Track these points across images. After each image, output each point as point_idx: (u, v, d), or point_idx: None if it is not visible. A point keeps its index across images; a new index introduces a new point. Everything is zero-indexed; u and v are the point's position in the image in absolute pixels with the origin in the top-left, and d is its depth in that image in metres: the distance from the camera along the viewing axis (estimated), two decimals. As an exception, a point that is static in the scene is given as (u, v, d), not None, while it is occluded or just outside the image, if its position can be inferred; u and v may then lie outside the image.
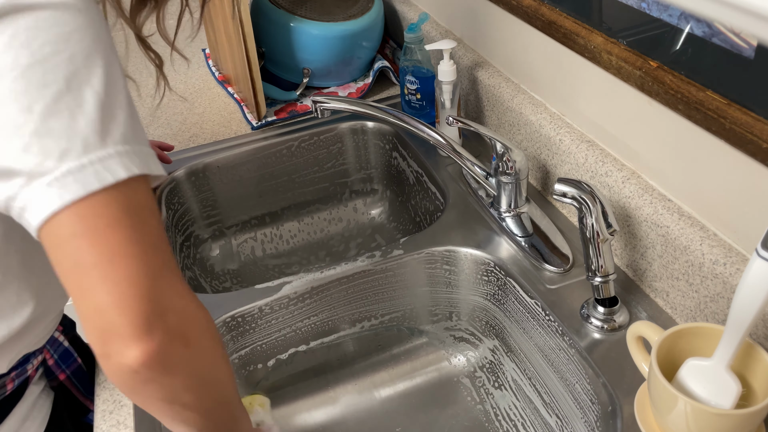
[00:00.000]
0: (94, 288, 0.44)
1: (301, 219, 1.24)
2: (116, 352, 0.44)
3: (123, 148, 0.47)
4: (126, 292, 0.44)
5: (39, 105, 0.45)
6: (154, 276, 0.45)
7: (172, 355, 0.46)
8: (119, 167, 0.46)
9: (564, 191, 0.73)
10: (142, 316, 0.44)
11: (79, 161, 0.44)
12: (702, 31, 0.65)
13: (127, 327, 0.44)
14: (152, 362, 0.45)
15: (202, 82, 1.39)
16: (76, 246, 0.44)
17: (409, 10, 1.30)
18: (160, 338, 0.45)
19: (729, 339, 0.59)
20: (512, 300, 0.87)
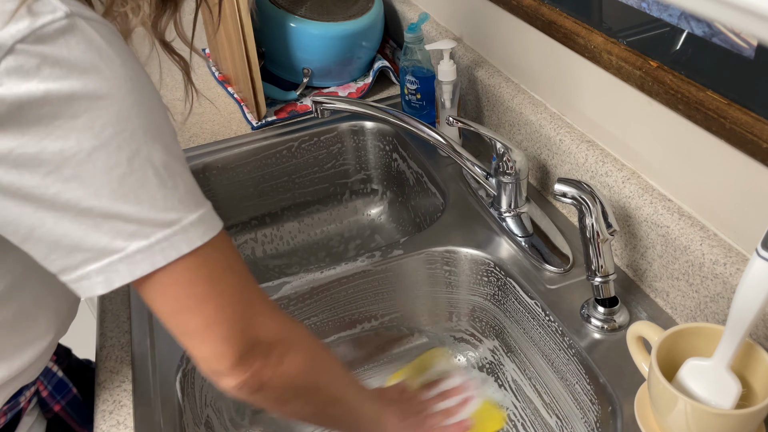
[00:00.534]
0: (197, 346, 0.54)
1: (301, 219, 1.24)
2: (221, 381, 0.55)
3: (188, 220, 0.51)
4: (222, 347, 0.53)
5: (106, 189, 0.47)
6: (243, 326, 0.54)
7: (266, 376, 0.56)
8: (183, 243, 0.50)
9: (564, 191, 0.73)
10: (237, 359, 0.54)
11: (147, 241, 0.49)
12: (702, 31, 0.65)
13: (227, 369, 0.54)
14: (248, 385, 0.55)
15: (202, 82, 1.39)
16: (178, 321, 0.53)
17: (409, 10, 1.30)
18: (252, 368, 0.55)
19: (729, 339, 0.59)
20: (512, 300, 0.87)
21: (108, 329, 0.84)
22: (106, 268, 0.49)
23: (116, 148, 0.47)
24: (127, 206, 0.48)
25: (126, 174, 0.47)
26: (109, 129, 0.46)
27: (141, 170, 0.48)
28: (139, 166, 0.48)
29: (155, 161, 0.49)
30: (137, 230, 0.48)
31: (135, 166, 0.48)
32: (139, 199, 0.48)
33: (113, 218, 0.47)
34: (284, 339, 0.58)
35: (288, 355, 0.58)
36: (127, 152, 0.47)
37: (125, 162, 0.47)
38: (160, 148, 0.49)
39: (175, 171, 0.50)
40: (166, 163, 0.49)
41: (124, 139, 0.47)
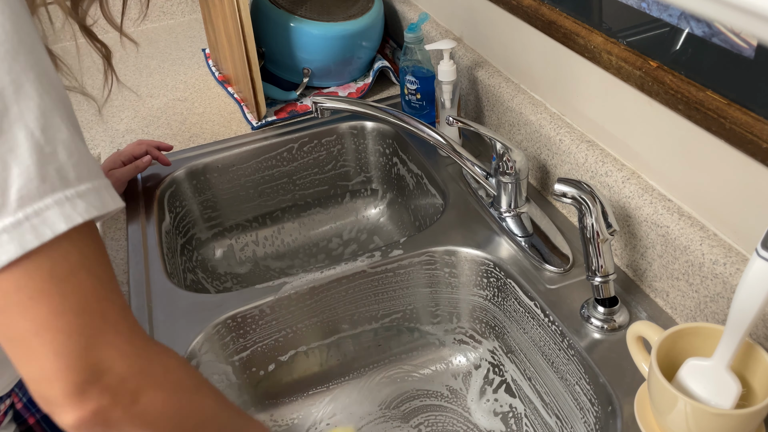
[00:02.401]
0: (25, 359, 0.43)
1: (301, 220, 1.24)
2: (56, 414, 0.44)
3: (64, 194, 0.43)
4: (55, 366, 0.42)
5: None
6: (86, 344, 0.43)
7: (116, 416, 0.45)
8: (59, 218, 0.42)
9: (564, 191, 0.73)
10: (72, 385, 0.43)
11: (14, 217, 0.41)
12: (702, 31, 0.65)
13: (59, 397, 0.43)
14: (91, 424, 0.44)
15: (202, 82, 1.39)
16: (8, 313, 0.42)
17: (409, 10, 1.30)
18: (96, 403, 0.44)
19: (729, 339, 0.59)
20: (512, 300, 0.87)
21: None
22: None
23: None
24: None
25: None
26: None
27: (10, 131, 0.41)
28: (8, 127, 0.41)
29: (29, 122, 0.42)
30: (2, 204, 0.41)
31: (3, 127, 0.41)
32: (6, 165, 0.41)
33: None
34: (141, 373, 0.46)
35: (145, 393, 0.46)
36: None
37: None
38: (36, 107, 0.42)
39: (54, 136, 0.43)
40: (44, 126, 0.42)
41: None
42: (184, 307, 0.86)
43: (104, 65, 0.69)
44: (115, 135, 1.23)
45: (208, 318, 0.84)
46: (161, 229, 1.04)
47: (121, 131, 1.24)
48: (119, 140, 1.21)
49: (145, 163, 1.07)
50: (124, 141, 1.21)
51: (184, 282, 1.05)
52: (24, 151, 0.41)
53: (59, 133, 0.43)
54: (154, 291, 0.89)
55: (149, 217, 1.03)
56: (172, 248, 1.06)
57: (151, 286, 0.90)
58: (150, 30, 1.66)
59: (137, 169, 1.07)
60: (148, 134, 1.22)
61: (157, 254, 0.96)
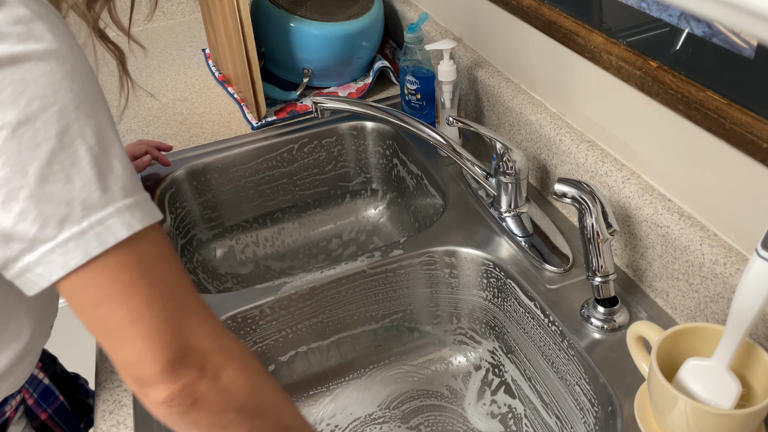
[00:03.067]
0: (121, 347, 0.47)
1: (301, 221, 1.24)
2: (148, 394, 0.48)
3: (123, 203, 0.46)
4: (150, 348, 0.46)
5: (33, 167, 0.43)
6: (174, 326, 0.48)
7: (202, 389, 0.48)
8: (121, 226, 0.46)
9: (564, 191, 0.73)
10: (167, 364, 0.47)
11: (79, 226, 0.44)
12: (702, 31, 0.65)
13: (154, 376, 0.47)
14: (181, 397, 0.48)
15: (202, 82, 1.39)
16: (99, 314, 0.46)
17: (409, 10, 1.30)
18: (185, 378, 0.48)
19: (729, 339, 0.59)
20: (512, 300, 0.87)
21: (108, 329, 0.84)
22: (43, 258, 0.45)
23: (44, 122, 0.44)
24: (56, 186, 0.44)
25: (55, 150, 0.44)
26: (36, 102, 0.43)
27: (71, 147, 0.44)
28: (70, 143, 0.44)
29: (88, 138, 0.45)
30: (68, 214, 0.44)
31: (65, 143, 0.44)
32: (70, 178, 0.44)
33: (42, 201, 0.44)
34: (223, 350, 0.51)
35: (227, 369, 0.50)
36: (57, 127, 0.44)
37: (54, 137, 0.44)
38: (93, 125, 0.46)
39: (110, 151, 0.46)
40: (100, 141, 0.46)
41: (53, 113, 0.44)
42: (184, 307, 0.86)
43: (119, 69, 0.71)
44: (115, 135, 1.23)
45: (208, 318, 0.84)
46: (161, 229, 1.03)
47: (121, 131, 1.24)
48: (119, 140, 1.21)
49: (145, 162, 1.07)
50: (124, 141, 1.21)
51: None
52: (85, 164, 0.45)
53: (113, 147, 0.47)
54: (154, 291, 0.89)
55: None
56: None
57: (151, 286, 0.90)
58: (150, 30, 1.66)
59: (137, 168, 1.07)
60: (148, 134, 1.22)
61: (157, 254, 0.96)
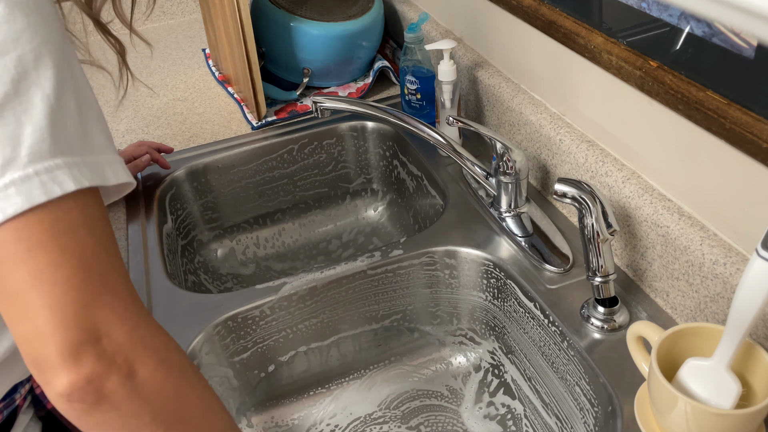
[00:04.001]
0: (19, 316, 0.42)
1: (301, 221, 1.24)
2: (47, 381, 0.42)
3: (73, 159, 0.43)
4: (49, 320, 0.41)
5: None
6: (84, 302, 0.42)
7: (111, 386, 0.42)
8: (68, 178, 0.42)
9: (564, 191, 0.73)
10: (67, 344, 0.41)
11: (24, 171, 0.41)
12: (702, 31, 0.65)
13: (53, 356, 0.41)
14: (84, 392, 0.42)
15: (202, 82, 1.39)
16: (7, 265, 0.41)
17: (409, 10, 1.30)
18: (90, 367, 0.41)
19: (729, 339, 0.59)
20: (512, 300, 0.87)
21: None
22: None
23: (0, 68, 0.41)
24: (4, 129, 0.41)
25: (8, 95, 0.41)
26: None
27: (26, 94, 0.42)
28: (25, 90, 0.42)
29: (46, 89, 0.43)
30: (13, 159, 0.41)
31: (20, 89, 0.42)
32: (20, 123, 0.41)
33: None
34: (141, 343, 0.44)
35: (144, 366, 0.44)
36: (13, 73, 0.42)
37: (9, 82, 0.41)
38: (54, 76, 0.43)
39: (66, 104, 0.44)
40: (59, 94, 0.43)
41: (10, 59, 0.42)
42: (184, 307, 0.86)
43: (119, 62, 0.69)
44: (116, 135, 1.23)
45: (208, 318, 0.84)
46: (162, 230, 1.04)
47: (121, 131, 1.24)
48: (119, 140, 1.21)
49: (144, 162, 1.07)
50: (124, 141, 1.21)
51: (185, 283, 1.05)
52: (39, 112, 0.42)
53: (70, 103, 0.44)
54: (154, 291, 0.89)
55: (149, 216, 1.03)
56: (173, 250, 1.06)
57: (151, 285, 0.90)
58: (150, 30, 1.66)
59: (136, 168, 1.07)
60: (148, 134, 1.22)
61: (157, 254, 0.96)
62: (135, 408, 0.44)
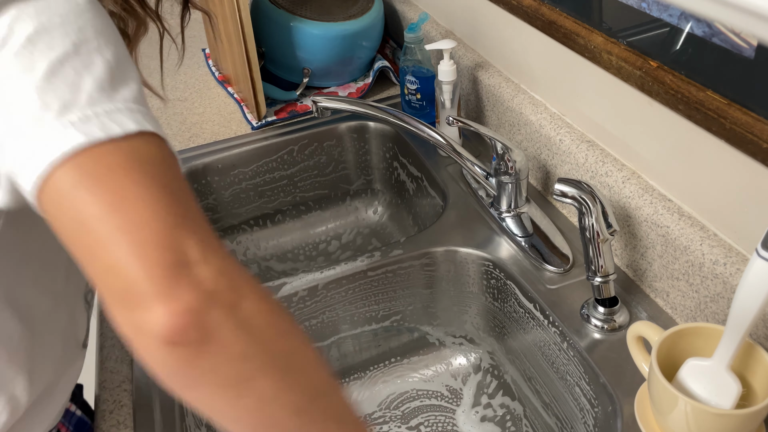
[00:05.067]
0: (101, 244, 0.36)
1: (301, 222, 1.24)
2: (139, 321, 0.35)
3: (136, 106, 0.41)
4: (138, 239, 0.35)
5: (42, 63, 0.40)
6: (173, 222, 0.37)
7: (215, 317, 0.35)
8: (129, 120, 0.40)
9: (564, 191, 0.73)
10: (162, 266, 0.35)
11: (82, 112, 0.39)
12: (702, 31, 0.65)
13: (144, 283, 0.35)
14: (186, 327, 0.35)
15: (202, 82, 1.39)
16: (77, 198, 0.37)
17: (409, 10, 1.30)
18: (189, 295, 0.35)
19: (729, 339, 0.59)
20: (512, 300, 0.87)
21: (108, 329, 0.84)
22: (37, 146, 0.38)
23: (62, 33, 0.41)
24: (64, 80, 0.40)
25: (69, 53, 0.41)
26: (56, 18, 0.42)
27: (88, 55, 0.42)
28: (87, 52, 0.42)
29: (106, 54, 0.42)
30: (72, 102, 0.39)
31: (81, 51, 0.41)
32: (80, 75, 0.40)
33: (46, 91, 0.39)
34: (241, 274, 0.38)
35: (248, 298, 0.37)
36: (74, 38, 0.42)
37: (71, 45, 0.41)
38: (113, 49, 0.43)
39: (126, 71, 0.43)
40: (118, 61, 0.43)
41: (72, 29, 0.42)
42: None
43: None
44: (115, 135, 1.23)
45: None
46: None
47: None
48: (119, 140, 1.21)
49: None
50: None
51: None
52: (99, 69, 0.41)
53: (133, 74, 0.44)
54: (154, 291, 0.89)
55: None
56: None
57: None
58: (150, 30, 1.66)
59: None
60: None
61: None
62: (244, 347, 0.37)
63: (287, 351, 0.40)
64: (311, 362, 0.42)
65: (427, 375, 0.98)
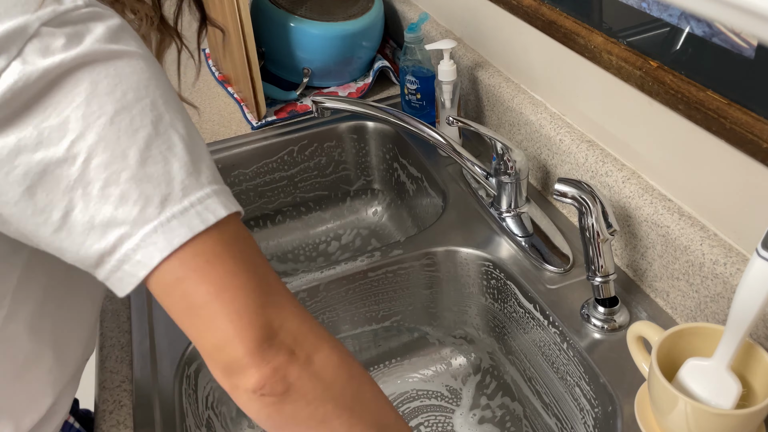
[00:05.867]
0: (207, 327, 0.46)
1: (301, 222, 1.24)
2: (240, 382, 0.46)
3: (218, 186, 0.48)
4: (236, 325, 0.45)
5: (133, 150, 0.45)
6: (261, 303, 0.47)
7: (294, 372, 0.47)
8: (219, 206, 0.47)
9: (564, 191, 0.73)
10: (255, 343, 0.45)
11: (181, 204, 0.45)
12: (702, 31, 0.65)
13: (244, 357, 0.45)
14: (273, 383, 0.46)
15: (202, 82, 1.39)
16: (183, 289, 0.46)
17: (409, 10, 1.30)
18: (275, 358, 0.46)
19: (729, 339, 0.59)
20: (512, 300, 0.87)
21: (108, 329, 0.84)
22: (143, 242, 0.44)
23: (140, 111, 0.46)
24: (156, 167, 0.45)
25: (152, 136, 0.46)
26: (130, 94, 0.46)
27: (166, 134, 0.47)
28: (164, 130, 0.47)
29: (179, 128, 0.48)
30: (169, 194, 0.45)
31: (160, 129, 0.46)
32: (168, 161, 0.46)
33: (142, 182, 0.45)
34: (312, 332, 0.49)
35: (320, 352, 0.48)
36: (151, 116, 0.46)
37: (150, 124, 0.46)
38: (182, 118, 0.48)
39: (197, 141, 0.49)
40: (189, 132, 0.48)
41: (146, 104, 0.46)
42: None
43: None
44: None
45: (208, 318, 0.84)
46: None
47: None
48: (119, 140, 1.21)
49: None
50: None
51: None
52: (180, 150, 0.47)
53: (199, 139, 0.49)
54: (154, 291, 0.89)
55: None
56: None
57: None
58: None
59: None
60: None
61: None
62: (319, 393, 0.48)
63: (354, 393, 0.51)
64: (376, 401, 0.53)
65: (427, 375, 0.98)
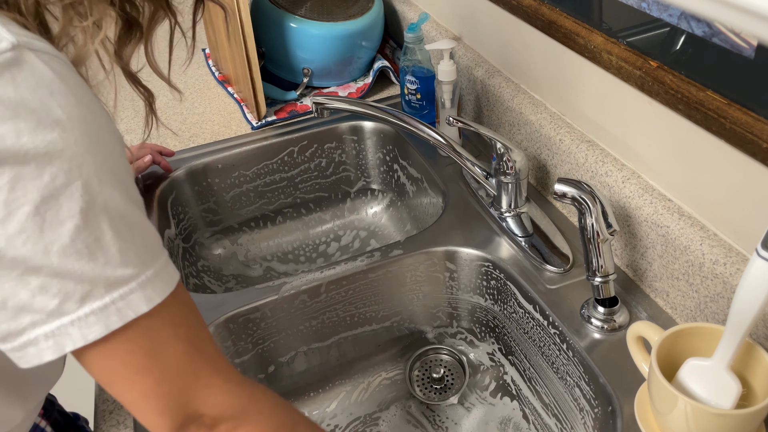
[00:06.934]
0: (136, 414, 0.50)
1: (301, 223, 1.24)
2: None
3: (145, 276, 0.46)
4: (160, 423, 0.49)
5: (56, 245, 0.42)
6: (185, 402, 0.49)
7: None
8: (141, 301, 0.46)
9: (564, 191, 0.73)
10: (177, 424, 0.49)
11: (101, 301, 0.44)
12: (702, 31, 0.65)
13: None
14: None
15: (202, 82, 1.39)
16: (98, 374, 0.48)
17: (409, 10, 1.30)
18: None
19: (729, 339, 0.59)
20: (512, 300, 0.87)
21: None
22: (57, 331, 0.44)
23: (68, 198, 0.42)
24: (79, 264, 0.43)
25: (79, 227, 0.43)
26: (60, 178, 0.42)
27: (95, 222, 0.43)
28: (93, 218, 0.43)
29: (111, 212, 0.44)
30: (90, 291, 0.44)
31: (89, 218, 0.43)
32: (93, 256, 0.43)
33: (64, 277, 0.43)
34: (236, 413, 0.51)
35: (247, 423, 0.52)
36: (81, 203, 0.43)
37: (78, 214, 0.42)
38: (118, 196, 0.45)
39: (132, 221, 0.46)
40: (123, 213, 0.45)
41: (76, 188, 0.42)
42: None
43: (146, 109, 0.70)
44: (115, 135, 1.23)
45: (208, 319, 0.84)
46: (163, 234, 1.04)
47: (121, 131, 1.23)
48: (119, 140, 1.21)
49: (146, 163, 1.07)
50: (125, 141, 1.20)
51: (187, 286, 1.05)
52: (109, 239, 0.44)
53: (134, 215, 0.47)
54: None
55: (149, 216, 1.03)
56: (174, 253, 1.06)
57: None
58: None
59: (138, 170, 1.07)
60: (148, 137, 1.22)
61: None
62: None
63: None
64: None
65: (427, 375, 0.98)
